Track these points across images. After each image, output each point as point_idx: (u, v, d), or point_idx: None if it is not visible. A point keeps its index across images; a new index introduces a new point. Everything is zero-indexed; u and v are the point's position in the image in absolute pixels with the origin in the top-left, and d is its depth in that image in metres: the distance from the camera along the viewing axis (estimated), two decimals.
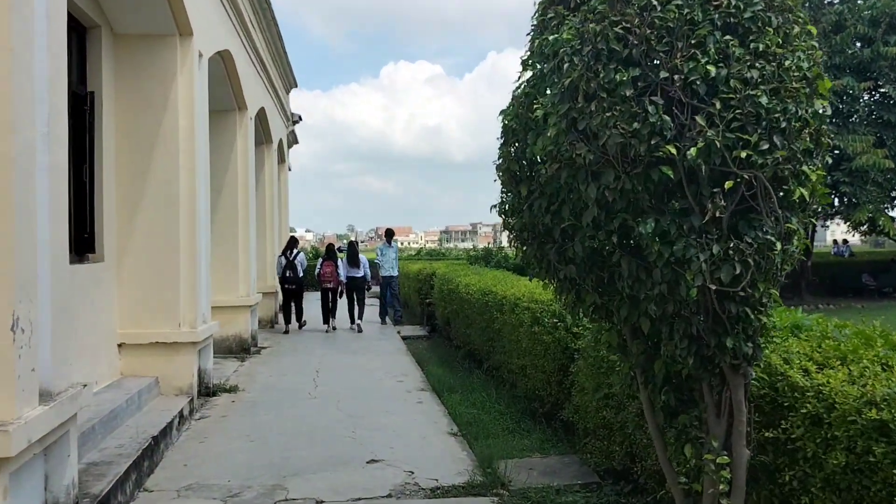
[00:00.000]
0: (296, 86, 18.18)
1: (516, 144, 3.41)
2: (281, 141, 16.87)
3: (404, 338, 13.18)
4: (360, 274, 14.52)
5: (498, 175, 3.53)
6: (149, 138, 7.22)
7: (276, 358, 10.83)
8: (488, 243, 31.64)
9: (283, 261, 13.92)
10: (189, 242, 7.33)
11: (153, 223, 7.19)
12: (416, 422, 6.84)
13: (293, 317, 14.22)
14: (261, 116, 13.41)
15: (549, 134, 2.92)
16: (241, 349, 11.05)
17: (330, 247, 15.51)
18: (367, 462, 5.56)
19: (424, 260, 23.42)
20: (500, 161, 3.49)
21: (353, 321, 14.27)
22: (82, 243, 6.47)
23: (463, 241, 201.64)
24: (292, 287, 13.90)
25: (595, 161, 2.84)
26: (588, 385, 5.43)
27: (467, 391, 7.93)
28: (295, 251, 14.03)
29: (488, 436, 6.29)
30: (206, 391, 7.96)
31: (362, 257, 14.82)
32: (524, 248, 3.48)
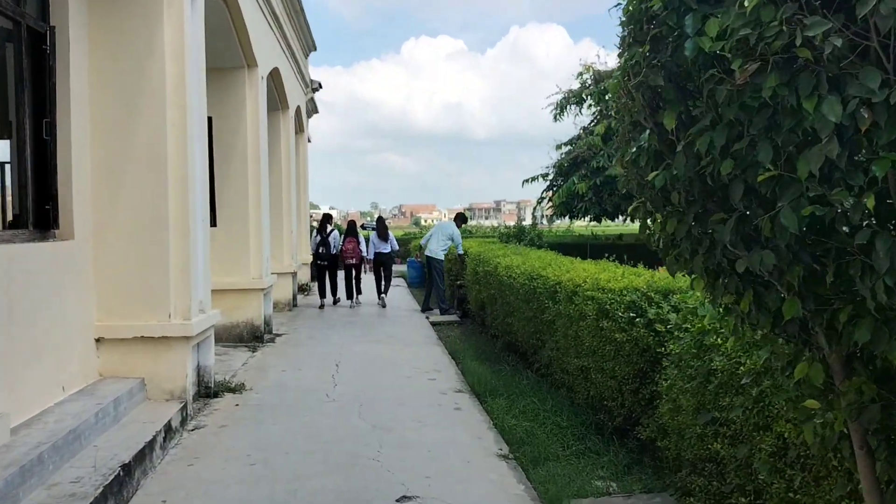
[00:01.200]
0: (314, 49, 16.83)
1: (657, 42, 2.05)
2: (299, 108, 15.57)
3: (433, 324, 11.92)
4: (388, 249, 14.67)
5: (615, 100, 2.21)
6: (130, 89, 5.94)
7: (292, 347, 9.62)
8: (520, 220, 30.25)
9: (319, 237, 14.37)
10: (180, 216, 6.08)
11: (136, 193, 5.94)
12: (456, 437, 5.56)
13: (328, 292, 14.48)
14: (274, 78, 12.11)
15: (740, 6, 1.59)
16: (252, 337, 9.85)
17: (352, 223, 15.50)
18: (398, 501, 4.28)
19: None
20: (625, 76, 2.16)
21: (378, 295, 14.50)
22: (43, 217, 5.24)
23: (486, 218, 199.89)
24: (325, 263, 14.32)
25: (840, 54, 1.51)
26: (686, 403, 4.10)
27: (514, 395, 6.63)
28: (329, 228, 14.49)
29: (547, 458, 5.01)
30: (206, 391, 6.76)
31: (390, 233, 14.95)
32: (665, 220, 2.15)
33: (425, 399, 6.72)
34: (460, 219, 14.22)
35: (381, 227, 15.06)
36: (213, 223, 9.49)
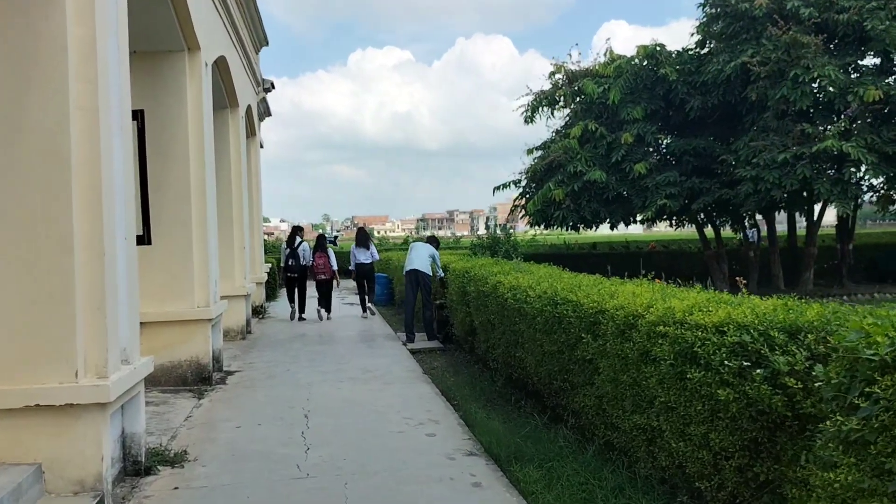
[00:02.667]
0: (266, 43, 15.10)
1: None
2: (249, 109, 13.82)
3: (413, 352, 10.29)
4: (369, 259, 14.72)
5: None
6: (18, 54, 4.23)
7: (248, 390, 7.88)
8: (474, 230, 28.87)
9: (288, 250, 14.24)
10: (91, 234, 4.37)
11: (24, 201, 4.22)
12: None
13: (297, 305, 14.38)
14: (221, 70, 10.38)
15: None
16: (198, 379, 8.09)
17: (321, 237, 15.39)
18: None
19: None
20: None
21: (364, 309, 14.68)
22: None
23: (440, 228, 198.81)
24: (295, 275, 14.20)
25: None
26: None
27: (547, 460, 5.06)
28: (298, 240, 14.30)
29: None
30: (135, 468, 5.02)
31: (371, 243, 15.12)
32: None
33: (429, 469, 5.09)
34: (435, 242, 12.52)
35: (362, 237, 15.07)
36: (147, 240, 7.73)
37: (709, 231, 20.34)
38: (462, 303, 9.71)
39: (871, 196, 16.96)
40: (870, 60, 16.21)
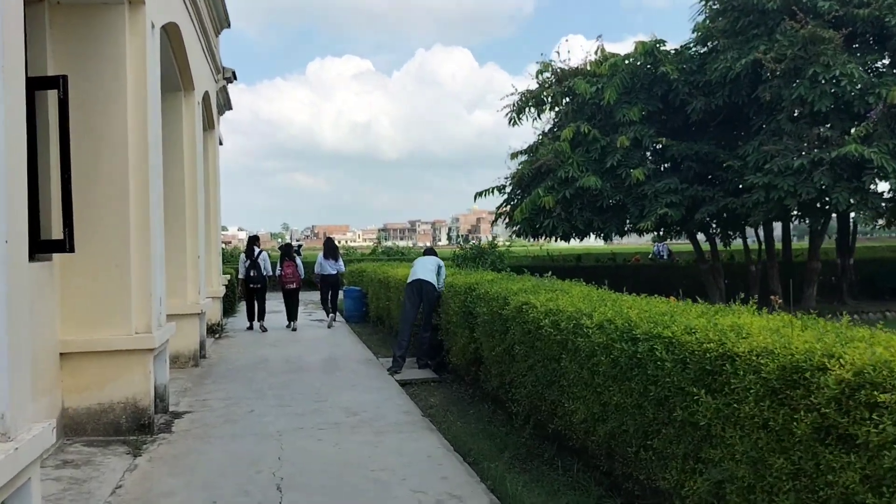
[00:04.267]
0: (228, 24, 13.32)
1: None
2: (208, 97, 11.98)
3: (402, 383, 8.58)
4: (335, 270, 14.70)
5: None
6: None
7: (200, 444, 6.07)
8: (435, 240, 27.37)
9: (248, 261, 13.79)
10: None
11: None
12: None
13: (256, 318, 13.96)
14: (173, 41, 8.58)
15: None
16: (135, 426, 6.27)
17: (287, 246, 15.31)
18: None
19: (396, 262, 18.71)
20: None
21: (329, 317, 14.71)
22: None
23: (402, 238, 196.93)
24: (257, 286, 13.77)
25: None
26: None
27: None
28: (257, 249, 13.90)
29: None
30: None
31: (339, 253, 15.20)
32: None
33: None
34: (434, 255, 10.59)
35: (331, 248, 15.02)
36: (68, 246, 5.89)
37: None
38: (464, 326, 8.04)
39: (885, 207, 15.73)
40: (887, 59, 15.02)
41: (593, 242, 21.52)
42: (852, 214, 16.70)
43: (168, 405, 7.18)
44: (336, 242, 15.89)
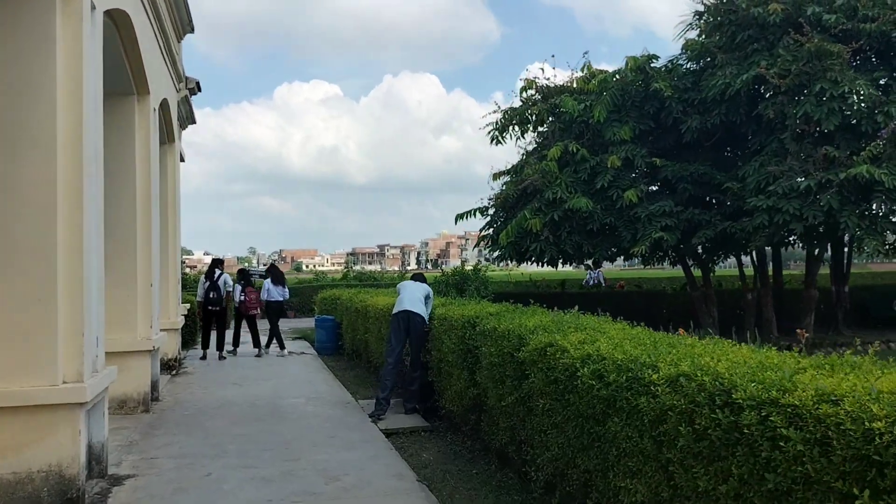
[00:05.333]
0: (192, 29, 12.13)
1: None
2: (167, 105, 10.74)
3: (388, 433, 7.36)
4: (282, 297, 14.56)
5: None
6: None
7: None
8: (404, 265, 26.18)
9: (207, 283, 13.33)
10: None
11: None
12: None
13: (214, 345, 13.53)
14: (123, 32, 7.38)
15: None
16: (61, 500, 4.98)
17: (243, 271, 15.36)
18: None
19: (372, 288, 17.46)
20: None
21: (267, 346, 14.23)
22: None
23: (370, 263, 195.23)
24: (216, 308, 13.28)
25: None
26: None
27: None
28: (218, 272, 13.37)
29: None
30: None
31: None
32: None
33: None
34: (422, 280, 9.37)
35: (279, 274, 15.03)
36: None
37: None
38: (462, 367, 6.88)
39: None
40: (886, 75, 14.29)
41: (563, 268, 20.47)
42: (846, 237, 15.82)
43: (106, 467, 5.89)
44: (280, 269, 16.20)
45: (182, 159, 14.50)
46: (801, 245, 16.66)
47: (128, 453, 6.59)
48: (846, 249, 18.71)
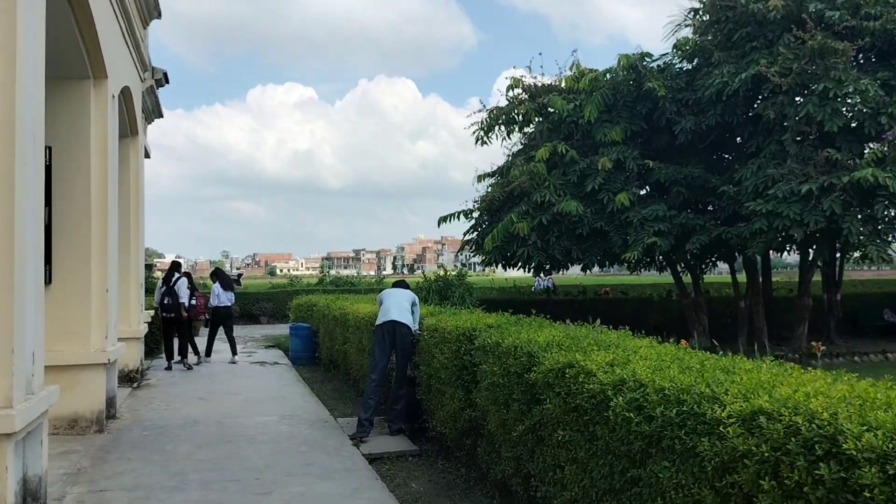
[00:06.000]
0: (158, 14, 11.25)
1: None
2: (129, 93, 9.85)
3: (371, 458, 6.57)
4: (230, 303, 13.79)
5: None
6: None
7: None
8: (380, 269, 25.36)
9: (164, 287, 12.72)
10: None
11: None
12: None
13: (177, 352, 12.85)
14: (78, 13, 6.52)
15: None
16: None
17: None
18: None
19: (350, 294, 16.62)
20: None
21: (206, 354, 13.57)
22: None
23: (345, 267, 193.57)
24: (171, 315, 12.61)
25: None
26: None
27: None
28: (176, 276, 12.75)
29: None
30: None
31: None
32: None
33: None
34: (405, 287, 8.57)
35: (225, 278, 14.09)
36: None
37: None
38: (456, 385, 6.13)
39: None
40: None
41: (570, 272, 19.85)
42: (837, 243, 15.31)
43: (45, 502, 5.03)
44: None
45: (147, 155, 13.60)
46: (797, 251, 16.12)
47: (73, 484, 5.73)
48: (838, 256, 18.25)
